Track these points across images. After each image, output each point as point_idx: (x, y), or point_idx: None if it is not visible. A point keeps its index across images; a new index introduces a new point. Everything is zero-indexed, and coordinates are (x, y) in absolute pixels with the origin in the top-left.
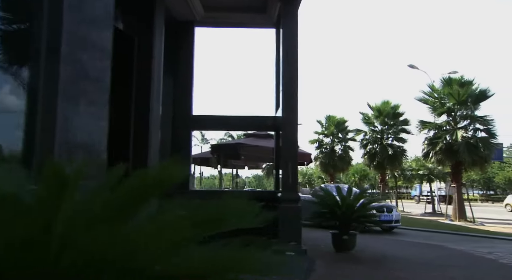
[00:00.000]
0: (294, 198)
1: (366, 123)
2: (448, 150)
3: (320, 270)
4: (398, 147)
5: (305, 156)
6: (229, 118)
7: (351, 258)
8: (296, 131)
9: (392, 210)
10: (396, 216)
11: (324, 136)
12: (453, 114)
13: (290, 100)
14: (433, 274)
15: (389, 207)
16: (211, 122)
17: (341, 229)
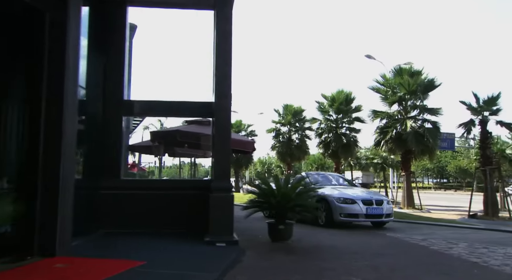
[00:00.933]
0: (226, 187)
1: (321, 112)
2: (398, 139)
3: (247, 261)
4: (351, 136)
5: (248, 143)
6: (163, 104)
7: (285, 248)
8: (229, 118)
9: (382, 202)
10: (387, 209)
11: (282, 126)
12: (404, 104)
13: (223, 86)
14: (359, 264)
15: (379, 199)
16: (145, 107)
17: (277, 219)
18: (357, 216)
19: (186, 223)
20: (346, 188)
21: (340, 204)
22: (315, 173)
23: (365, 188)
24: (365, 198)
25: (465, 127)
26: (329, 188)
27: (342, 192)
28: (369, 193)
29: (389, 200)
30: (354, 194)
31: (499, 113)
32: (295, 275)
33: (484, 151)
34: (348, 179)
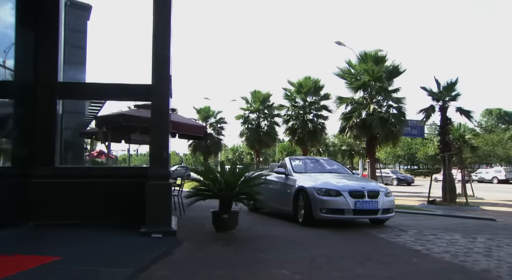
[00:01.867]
0: (163, 174)
1: (288, 99)
2: (363, 124)
3: (178, 253)
4: (318, 123)
5: (198, 128)
6: (100, 87)
7: (227, 238)
8: (167, 101)
9: (377, 194)
10: (385, 203)
11: (250, 112)
12: (369, 90)
13: (161, 68)
14: (296, 255)
15: (373, 190)
16: (80, 90)
17: (221, 207)
18: (343, 211)
19: (125, 213)
20: (336, 177)
21: (321, 196)
22: (305, 157)
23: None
24: (354, 188)
25: (425, 113)
26: (311, 176)
27: (326, 181)
28: (364, 182)
29: (389, 191)
30: (339, 184)
31: (458, 99)
32: (220, 269)
33: (444, 137)
34: (345, 166)
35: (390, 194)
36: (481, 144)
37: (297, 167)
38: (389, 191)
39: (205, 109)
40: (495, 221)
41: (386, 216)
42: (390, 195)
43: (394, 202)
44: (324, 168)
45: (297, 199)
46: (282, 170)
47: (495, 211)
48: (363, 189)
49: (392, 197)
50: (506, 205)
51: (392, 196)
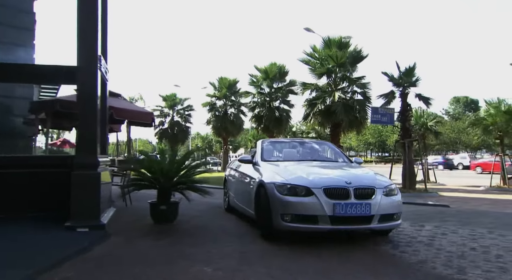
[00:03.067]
0: (90, 164)
1: (254, 85)
2: (327, 111)
3: (99, 250)
4: (284, 110)
5: (145, 115)
6: (14, 68)
7: (162, 231)
8: (95, 84)
9: (372, 192)
10: (382, 205)
11: (217, 99)
12: (333, 76)
13: (88, 47)
14: (229, 249)
15: (364, 186)
16: None
17: (159, 198)
18: (315, 219)
19: (53, 206)
20: (320, 167)
21: (283, 195)
22: (286, 140)
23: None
24: (332, 184)
25: (385, 99)
26: (282, 166)
27: (295, 172)
28: (354, 174)
29: (392, 188)
30: (312, 177)
31: (418, 85)
32: (139, 266)
33: (404, 123)
34: (342, 153)
35: (393, 192)
36: (448, 131)
37: (269, 152)
38: (393, 188)
39: (171, 97)
40: (448, 207)
41: (386, 225)
42: (394, 193)
43: (401, 204)
44: (310, 154)
45: (259, 198)
46: (248, 157)
47: (453, 197)
48: (348, 185)
49: (396, 197)
50: (465, 191)
51: (397, 195)
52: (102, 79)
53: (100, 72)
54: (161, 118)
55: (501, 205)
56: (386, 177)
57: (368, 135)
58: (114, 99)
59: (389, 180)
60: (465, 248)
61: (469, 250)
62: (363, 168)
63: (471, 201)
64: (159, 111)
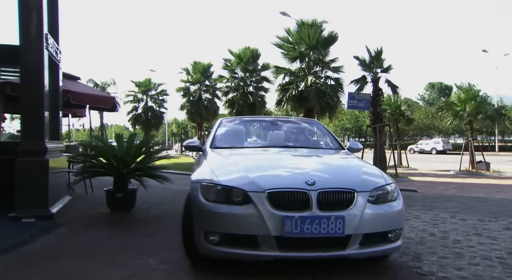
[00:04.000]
0: (37, 150)
1: (227, 69)
2: (300, 96)
3: (41, 242)
4: (258, 95)
5: (106, 99)
6: None
7: (115, 221)
8: (41, 63)
9: (350, 198)
10: (366, 220)
11: (191, 84)
12: (306, 60)
13: (32, 24)
14: (178, 239)
15: (336, 188)
16: None
17: (115, 185)
18: (254, 242)
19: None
20: (291, 156)
21: (210, 202)
22: (257, 118)
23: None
24: (284, 185)
25: (357, 84)
26: (236, 155)
27: (239, 167)
28: (328, 168)
29: (388, 189)
30: (257, 175)
31: (390, 71)
32: (76, 259)
33: (375, 108)
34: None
35: (388, 197)
36: (423, 116)
37: (226, 136)
38: (388, 190)
39: (145, 82)
40: (416, 192)
41: (373, 250)
42: (390, 198)
43: (401, 216)
44: (285, 138)
45: (185, 205)
46: (194, 142)
47: (422, 182)
48: (309, 186)
49: (394, 204)
50: (435, 175)
51: (396, 201)
52: (52, 60)
53: (47, 52)
54: (134, 104)
55: (467, 189)
56: (382, 173)
57: (345, 120)
58: (72, 82)
59: (385, 178)
60: (424, 234)
61: (428, 236)
62: (354, 158)
63: (439, 185)
64: (132, 96)
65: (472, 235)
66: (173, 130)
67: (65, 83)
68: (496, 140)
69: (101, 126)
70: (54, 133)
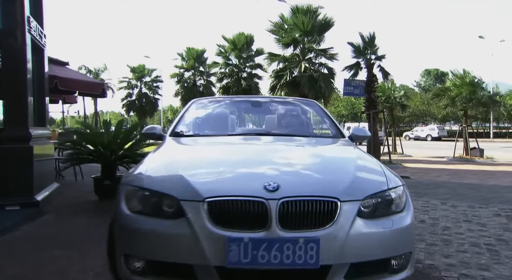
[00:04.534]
0: (21, 136)
1: (221, 55)
2: (293, 83)
3: (26, 229)
4: (252, 81)
5: (95, 85)
6: None
7: (101, 209)
8: (23, 48)
9: (333, 210)
10: (349, 244)
11: (185, 71)
12: (301, 46)
13: (13, 6)
14: None
15: (314, 197)
16: None
17: (103, 172)
18: (190, 273)
19: None
20: (263, 147)
21: (133, 213)
22: (244, 98)
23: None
24: (232, 192)
25: (350, 70)
26: (182, 149)
27: (178, 164)
28: (309, 165)
29: (391, 196)
30: (197, 176)
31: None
32: (54, 249)
33: (369, 94)
34: (332, 120)
35: (392, 208)
36: (418, 103)
37: (196, 121)
38: (391, 197)
39: (139, 68)
40: (409, 178)
41: None
42: (395, 209)
43: (410, 235)
44: (270, 123)
45: None
46: (155, 129)
47: (415, 168)
48: (269, 193)
49: (400, 218)
50: (429, 162)
51: (403, 213)
52: (35, 44)
53: (30, 35)
54: (128, 90)
55: (459, 175)
56: (386, 172)
57: (341, 107)
58: (60, 68)
59: (389, 178)
60: (414, 221)
61: (418, 223)
62: (352, 149)
63: (432, 172)
64: (126, 82)
65: (462, 221)
66: (168, 117)
67: (52, 69)
68: (491, 127)
69: (95, 113)
70: (40, 120)
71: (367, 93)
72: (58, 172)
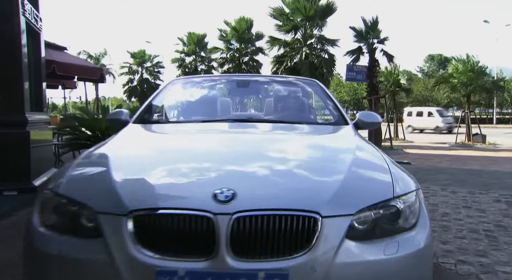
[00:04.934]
0: (17, 121)
1: (223, 40)
2: (294, 69)
3: (21, 215)
4: (254, 66)
5: (93, 70)
6: None
7: None
8: (18, 31)
9: (312, 228)
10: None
11: (186, 56)
12: (302, 31)
13: None
14: None
15: (283, 211)
16: None
17: None
18: None
19: None
20: (242, 137)
21: (43, 229)
22: (228, 77)
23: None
24: (180, 203)
25: (352, 56)
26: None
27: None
28: (289, 166)
29: (400, 207)
30: (125, 178)
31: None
32: None
33: (371, 79)
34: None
35: (395, 222)
36: (421, 88)
37: (170, 105)
38: (395, 209)
39: (140, 53)
40: (410, 164)
41: None
42: (401, 222)
43: (427, 262)
44: (259, 106)
45: None
46: (123, 114)
47: (417, 154)
48: (221, 204)
49: (410, 238)
50: (431, 148)
51: (414, 234)
52: (31, 27)
53: (24, 19)
54: (129, 76)
55: (461, 161)
56: (393, 171)
57: (343, 93)
58: (58, 53)
59: (397, 182)
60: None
61: None
62: (353, 141)
63: (433, 158)
64: (127, 68)
65: (461, 207)
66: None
67: (50, 53)
68: (494, 112)
69: (96, 98)
70: (38, 105)
71: (368, 79)
72: (57, 158)
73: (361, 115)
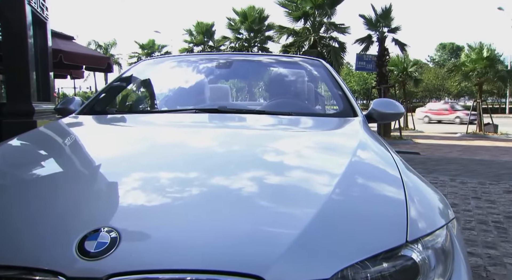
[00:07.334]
0: (24, 111)
1: (231, 29)
2: None
3: None
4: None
5: (100, 59)
6: None
7: None
8: (24, 20)
9: None
10: None
11: (194, 45)
12: (312, 20)
13: None
14: None
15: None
16: None
17: None
18: None
19: None
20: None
21: None
22: (216, 55)
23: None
24: (11, 257)
25: (361, 44)
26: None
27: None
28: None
29: (417, 258)
30: None
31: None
32: None
33: (381, 68)
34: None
35: (417, 277)
36: (432, 78)
37: (135, 91)
38: (407, 264)
39: (149, 44)
40: (419, 154)
41: None
42: (424, 270)
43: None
44: (252, 91)
45: None
46: (73, 102)
47: (426, 144)
48: (91, 259)
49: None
50: (441, 138)
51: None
52: (37, 17)
53: (30, 7)
54: None
55: (471, 151)
56: (414, 192)
57: (353, 82)
58: (65, 42)
59: (422, 210)
60: None
61: None
62: (356, 142)
63: (443, 148)
64: (136, 58)
65: (471, 198)
66: None
67: (57, 43)
68: (507, 102)
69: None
70: (45, 94)
71: (378, 68)
72: None
73: (377, 104)
